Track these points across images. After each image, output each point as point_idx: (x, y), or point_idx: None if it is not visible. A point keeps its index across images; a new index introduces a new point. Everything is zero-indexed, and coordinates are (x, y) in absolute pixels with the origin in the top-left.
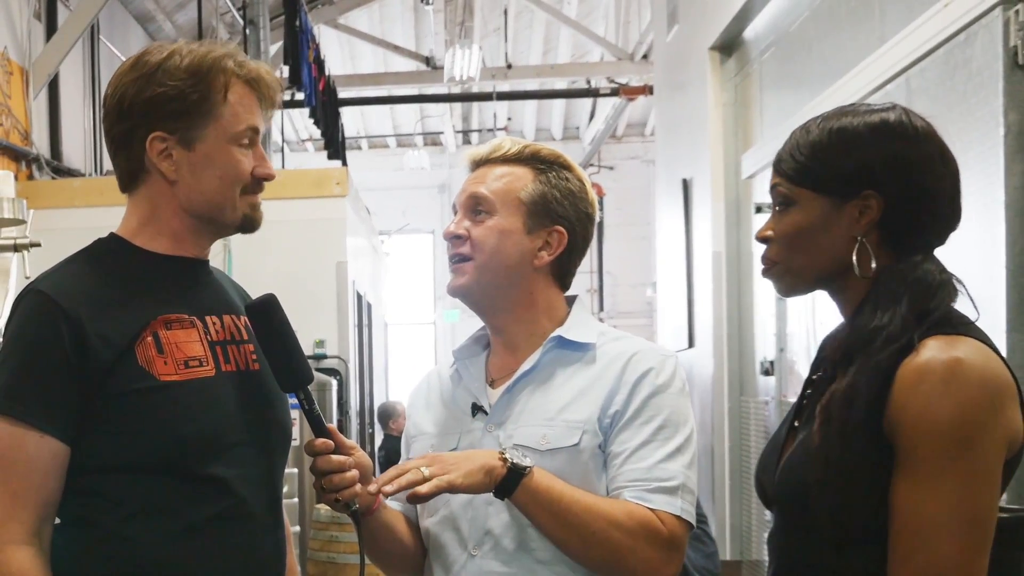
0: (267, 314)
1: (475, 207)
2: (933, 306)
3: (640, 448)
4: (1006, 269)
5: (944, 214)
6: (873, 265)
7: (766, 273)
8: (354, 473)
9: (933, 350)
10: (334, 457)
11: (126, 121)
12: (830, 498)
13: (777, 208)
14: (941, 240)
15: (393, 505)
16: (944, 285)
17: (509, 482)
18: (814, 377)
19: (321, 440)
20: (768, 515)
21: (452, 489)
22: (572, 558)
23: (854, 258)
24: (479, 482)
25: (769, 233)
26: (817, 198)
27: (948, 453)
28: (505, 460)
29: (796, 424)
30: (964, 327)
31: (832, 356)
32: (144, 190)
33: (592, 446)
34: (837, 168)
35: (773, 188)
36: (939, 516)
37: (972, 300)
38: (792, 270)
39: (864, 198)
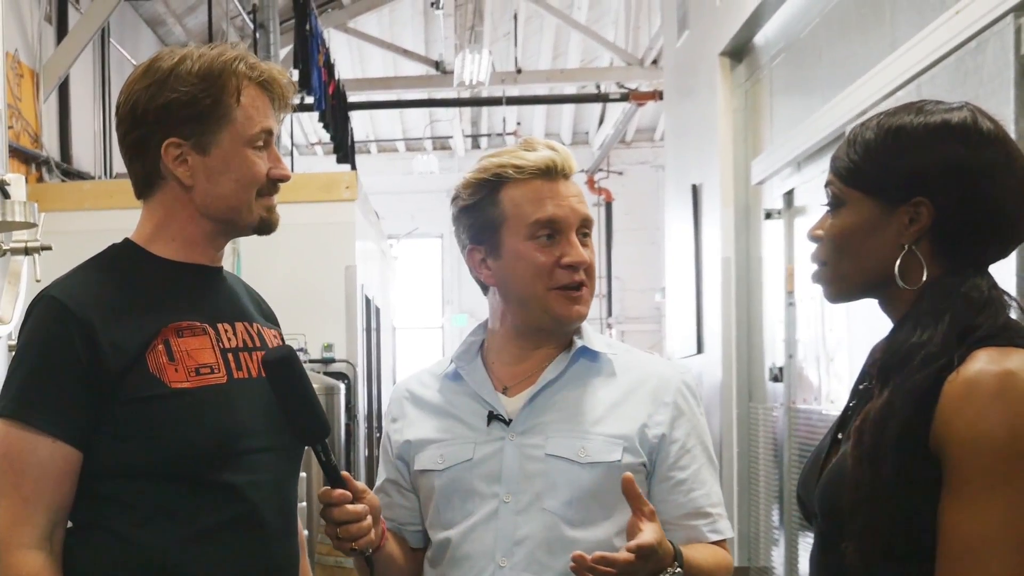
0: (285, 368)
1: (582, 229)
2: (978, 323)
3: (699, 473)
4: (1016, 276)
5: (1006, 226)
6: (924, 276)
7: (815, 276)
8: (369, 521)
9: (983, 362)
10: (350, 507)
11: (140, 128)
12: (861, 522)
13: (828, 208)
14: (1003, 253)
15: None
16: (991, 302)
17: None
18: (860, 387)
19: (340, 491)
20: (776, 522)
21: None
22: None
23: (896, 267)
24: None
25: (819, 232)
26: (866, 201)
27: (999, 471)
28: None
29: (840, 436)
30: (1021, 339)
31: (871, 370)
32: (159, 196)
33: (634, 463)
34: (888, 171)
35: (826, 186)
36: (989, 537)
37: None
38: (839, 274)
39: (915, 205)
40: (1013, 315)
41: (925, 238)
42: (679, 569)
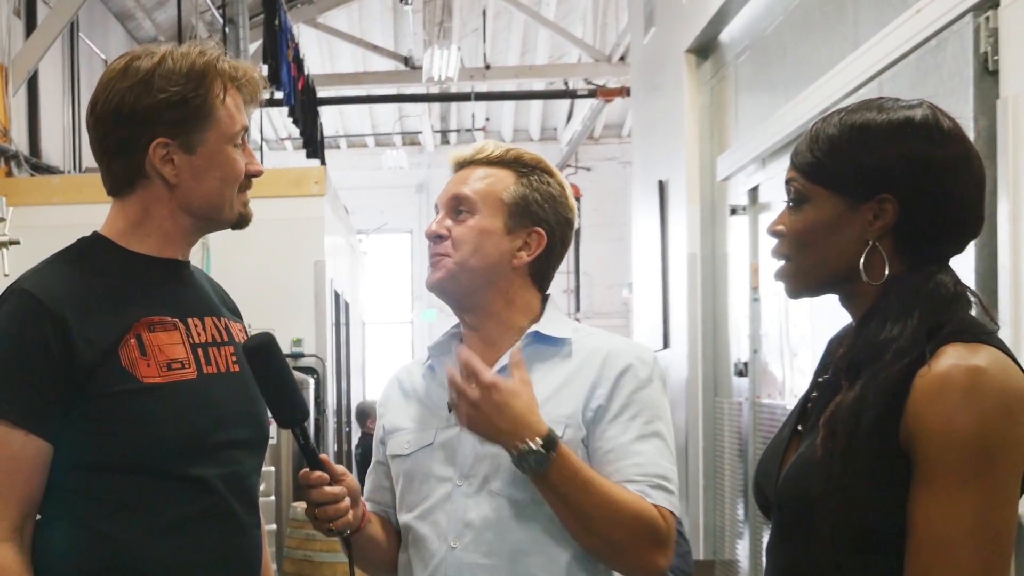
0: (266, 355)
1: (457, 207)
2: (945, 320)
3: (633, 444)
4: (975, 273)
5: (965, 222)
6: (886, 271)
7: (777, 273)
8: (347, 502)
9: (953, 358)
10: (328, 489)
11: (124, 128)
12: (832, 513)
13: (790, 204)
14: (959, 249)
15: (368, 506)
16: (957, 298)
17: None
18: (820, 379)
19: (317, 474)
20: (741, 515)
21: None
22: (573, 538)
23: (861, 263)
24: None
25: (781, 228)
26: (831, 197)
27: (969, 466)
28: (523, 451)
29: (800, 428)
30: (986, 336)
31: (839, 363)
32: (139, 193)
33: (575, 440)
34: (853, 168)
35: (788, 183)
36: (959, 530)
37: (988, 312)
38: (802, 270)
39: (880, 201)
40: (974, 311)
41: (888, 234)
42: (543, 450)
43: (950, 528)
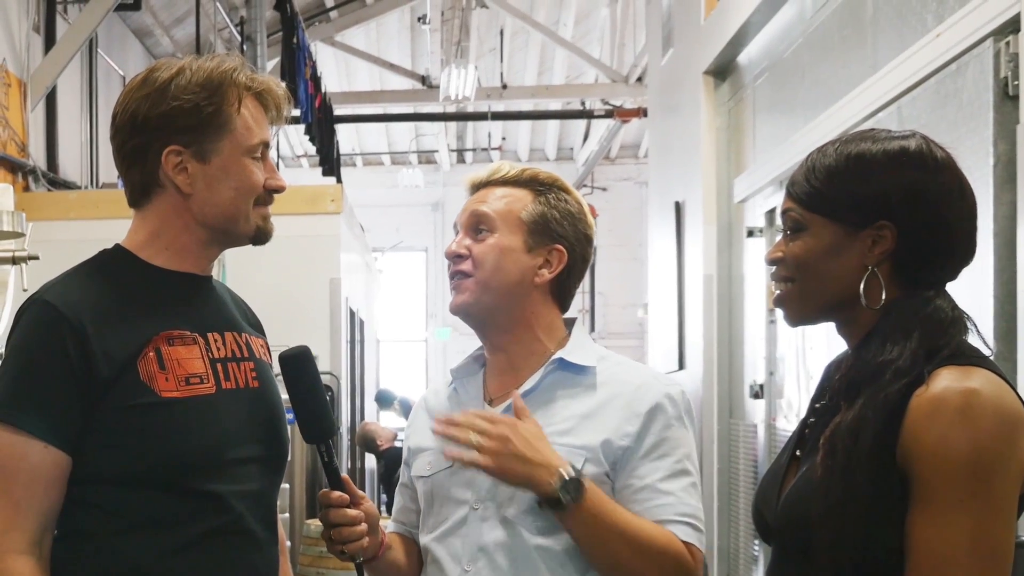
0: (300, 367)
1: (476, 225)
2: (943, 343)
3: (662, 482)
4: (993, 298)
5: (959, 249)
6: (883, 297)
7: (778, 299)
8: (363, 527)
9: (947, 380)
10: (348, 511)
11: (139, 136)
12: (831, 533)
13: (788, 232)
14: (954, 275)
15: (390, 526)
16: (955, 322)
17: (557, 500)
18: (817, 405)
19: (338, 494)
20: (755, 538)
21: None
22: (597, 572)
23: (861, 288)
24: (522, 486)
25: (779, 254)
26: (829, 225)
27: (965, 487)
28: (563, 479)
29: (798, 453)
30: (979, 359)
31: (837, 386)
32: (156, 204)
33: (595, 473)
34: (852, 196)
35: (784, 212)
36: (957, 550)
37: (983, 338)
38: (803, 294)
39: (878, 228)
40: (972, 335)
41: (886, 260)
42: (579, 477)
43: (947, 548)
